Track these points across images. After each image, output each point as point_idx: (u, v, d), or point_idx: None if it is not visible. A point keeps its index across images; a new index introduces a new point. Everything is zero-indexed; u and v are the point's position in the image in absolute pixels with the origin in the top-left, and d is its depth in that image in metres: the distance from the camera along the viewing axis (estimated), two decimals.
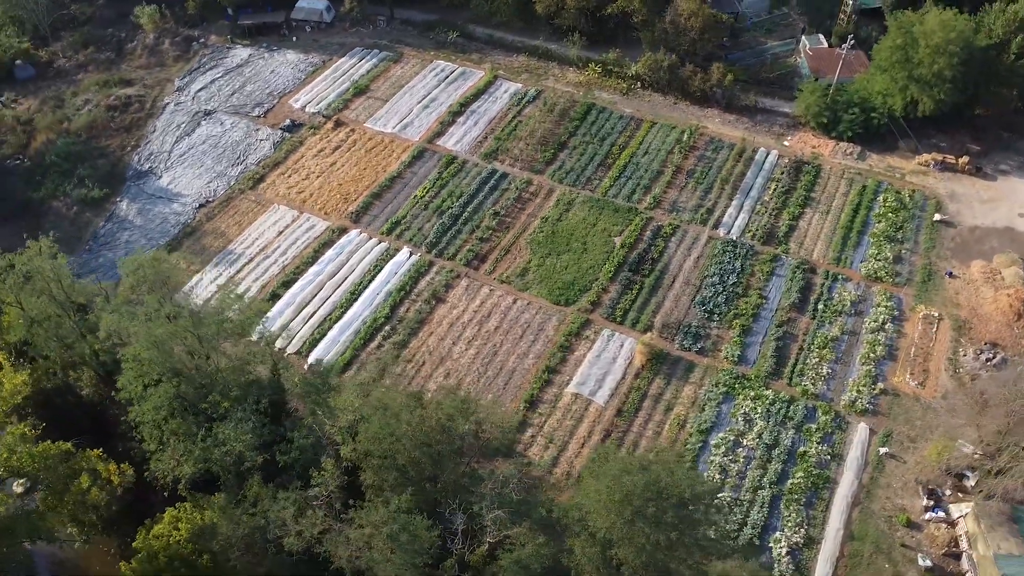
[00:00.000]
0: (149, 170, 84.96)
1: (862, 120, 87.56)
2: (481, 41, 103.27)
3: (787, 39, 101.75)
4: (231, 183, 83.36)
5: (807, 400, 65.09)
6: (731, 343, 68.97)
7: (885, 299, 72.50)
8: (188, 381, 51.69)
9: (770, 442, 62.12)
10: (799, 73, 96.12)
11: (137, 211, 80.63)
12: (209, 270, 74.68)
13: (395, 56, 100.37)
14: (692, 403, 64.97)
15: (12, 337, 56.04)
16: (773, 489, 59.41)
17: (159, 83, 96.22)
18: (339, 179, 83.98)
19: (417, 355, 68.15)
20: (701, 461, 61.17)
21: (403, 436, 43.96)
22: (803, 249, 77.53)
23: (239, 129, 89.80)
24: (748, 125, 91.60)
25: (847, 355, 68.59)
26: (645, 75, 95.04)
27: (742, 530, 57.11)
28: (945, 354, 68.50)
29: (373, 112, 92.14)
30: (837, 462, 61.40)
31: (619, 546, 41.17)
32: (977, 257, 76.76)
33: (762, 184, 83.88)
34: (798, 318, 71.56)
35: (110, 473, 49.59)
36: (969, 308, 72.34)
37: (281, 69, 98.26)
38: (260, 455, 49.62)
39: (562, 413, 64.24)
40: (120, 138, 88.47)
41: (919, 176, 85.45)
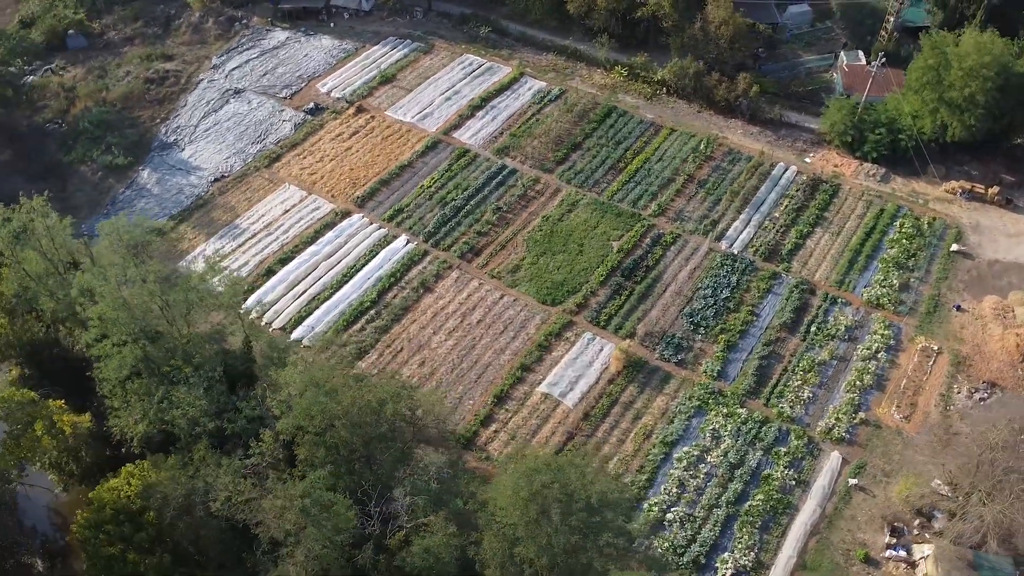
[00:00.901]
0: (174, 142, 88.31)
1: (888, 141, 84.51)
2: (513, 37, 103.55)
3: (826, 54, 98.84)
4: (248, 160, 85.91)
5: (781, 422, 63.42)
6: (713, 358, 67.68)
7: (883, 327, 69.95)
8: (156, 344, 53.71)
9: (735, 461, 60.78)
10: (833, 89, 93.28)
11: (156, 181, 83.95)
12: (212, 242, 77.24)
13: (426, 47, 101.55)
14: (662, 414, 64.07)
15: (6, 289, 59.09)
16: (729, 509, 58.14)
17: (198, 60, 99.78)
18: (351, 164, 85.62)
19: (396, 341, 69.10)
20: (661, 473, 60.31)
21: (335, 414, 44.86)
22: (806, 269, 75.40)
23: (264, 109, 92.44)
24: (771, 139, 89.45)
25: (832, 381, 66.51)
26: (671, 81, 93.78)
27: (690, 546, 56.11)
28: (938, 389, 65.74)
29: (395, 101, 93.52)
30: (802, 488, 59.68)
31: (523, 544, 41.14)
32: (992, 292, 73.29)
33: (775, 200, 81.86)
34: (788, 339, 69.70)
35: (63, 424, 51.90)
36: (973, 344, 69.18)
37: (314, 53, 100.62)
38: (212, 421, 51.30)
39: (529, 411, 64.21)
40: (152, 110, 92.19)
41: (943, 204, 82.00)
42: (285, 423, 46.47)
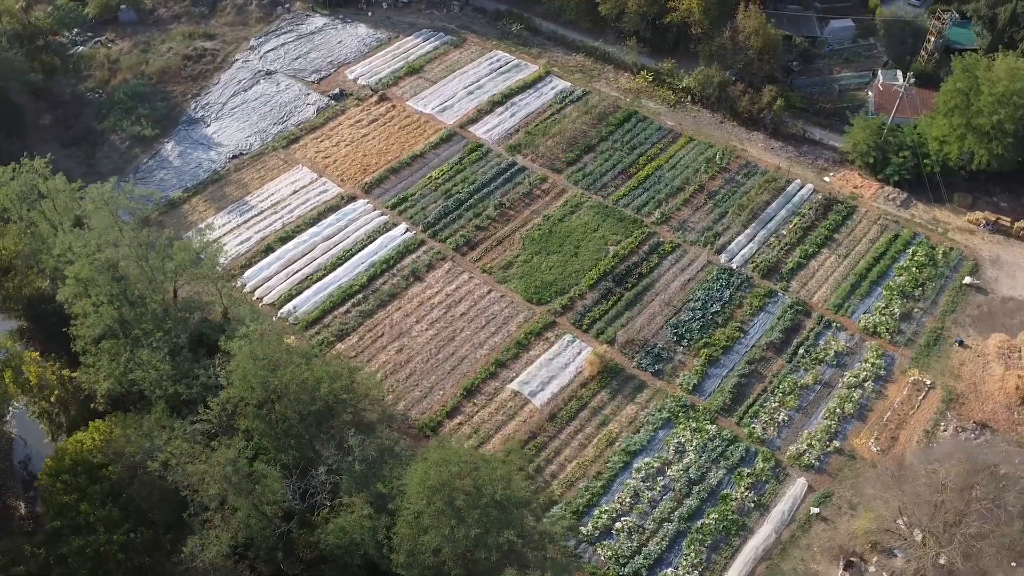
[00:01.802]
0: (201, 118, 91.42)
1: (912, 165, 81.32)
2: (544, 36, 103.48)
3: (864, 72, 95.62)
4: (267, 140, 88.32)
5: (751, 443, 61.92)
6: (691, 371, 66.51)
7: (876, 356, 67.51)
8: (133, 308, 55.97)
9: (694, 477, 59.67)
10: (866, 108, 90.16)
11: (178, 154, 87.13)
12: (220, 216, 79.76)
13: (457, 41, 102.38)
14: (629, 423, 63.32)
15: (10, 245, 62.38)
16: (681, 524, 57.13)
17: (236, 40, 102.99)
18: (365, 150, 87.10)
19: (378, 326, 70.13)
20: (617, 482, 59.64)
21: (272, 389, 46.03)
22: (804, 290, 73.30)
23: (292, 91, 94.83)
24: (792, 155, 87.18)
25: (812, 406, 64.58)
26: (695, 89, 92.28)
27: (633, 557, 55.40)
28: (923, 425, 63.11)
29: (418, 92, 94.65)
30: (760, 512, 58.20)
31: (429, 532, 41.41)
32: (1001, 331, 69.87)
33: (784, 217, 79.78)
34: (773, 359, 67.94)
35: (30, 374, 54.58)
36: (969, 382, 66.15)
37: (348, 41, 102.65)
38: (173, 386, 53.21)
39: (496, 408, 64.33)
40: (186, 86, 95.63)
41: (964, 234, 78.52)
42: (226, 393, 47.88)
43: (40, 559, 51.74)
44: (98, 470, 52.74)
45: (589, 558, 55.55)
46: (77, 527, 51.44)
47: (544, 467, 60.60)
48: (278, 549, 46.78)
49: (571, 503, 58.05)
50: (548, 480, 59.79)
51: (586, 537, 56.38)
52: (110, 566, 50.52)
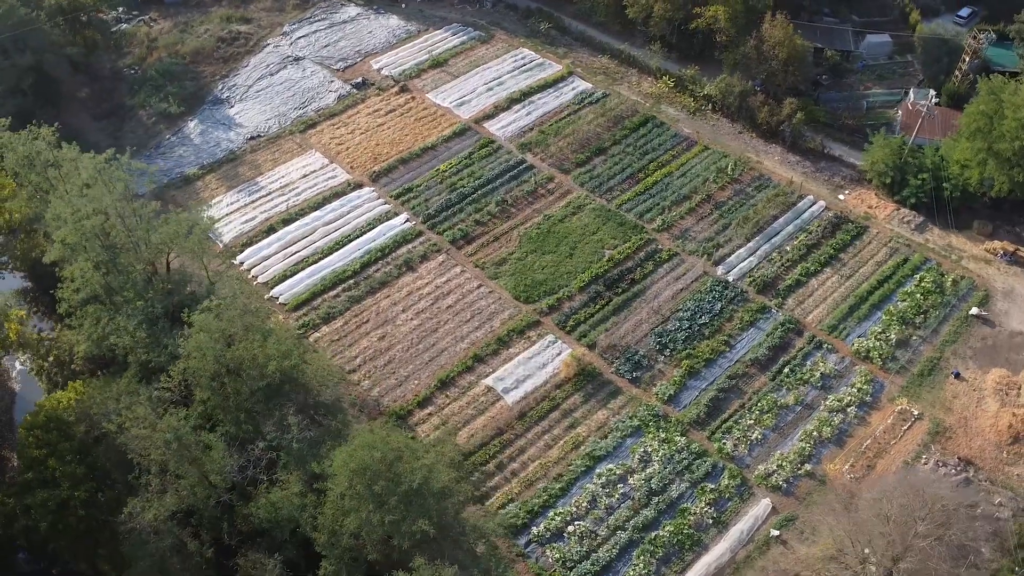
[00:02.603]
0: (226, 99, 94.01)
1: (931, 188, 78.45)
2: (572, 36, 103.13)
3: (896, 89, 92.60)
4: (285, 124, 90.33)
5: (719, 458, 60.80)
6: (669, 381, 65.61)
7: (864, 381, 65.51)
8: (119, 275, 58.05)
9: (655, 488, 58.88)
10: (893, 127, 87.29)
11: (200, 132, 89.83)
12: (230, 195, 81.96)
13: (485, 37, 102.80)
14: (598, 428, 62.84)
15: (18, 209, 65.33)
16: (634, 534, 56.47)
17: (271, 25, 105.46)
18: (379, 140, 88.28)
19: (364, 313, 71.12)
20: (577, 485, 59.27)
21: (224, 362, 47.26)
22: (800, 308, 71.52)
23: (317, 77, 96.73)
24: (808, 170, 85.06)
25: (789, 427, 63.05)
26: (716, 97, 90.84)
27: (581, 562, 55.03)
28: (903, 456, 60.97)
29: (439, 85, 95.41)
30: (719, 529, 57.12)
31: (350, 515, 41.93)
32: (1003, 366, 66.97)
33: (791, 232, 77.95)
34: (756, 376, 66.53)
35: (11, 330, 57.13)
36: (960, 416, 63.65)
37: (378, 31, 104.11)
38: (146, 353, 55.05)
39: (468, 402, 64.61)
40: (216, 67, 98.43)
41: (979, 263, 75.46)
42: (183, 363, 49.35)
43: (8, 508, 54.33)
44: (69, 428, 54.92)
45: (537, 559, 55.39)
46: (44, 481, 53.60)
47: (506, 464, 60.64)
48: (223, 520, 48.00)
49: (527, 502, 57.94)
50: (508, 477, 59.81)
51: (536, 537, 56.22)
52: (70, 520, 52.56)
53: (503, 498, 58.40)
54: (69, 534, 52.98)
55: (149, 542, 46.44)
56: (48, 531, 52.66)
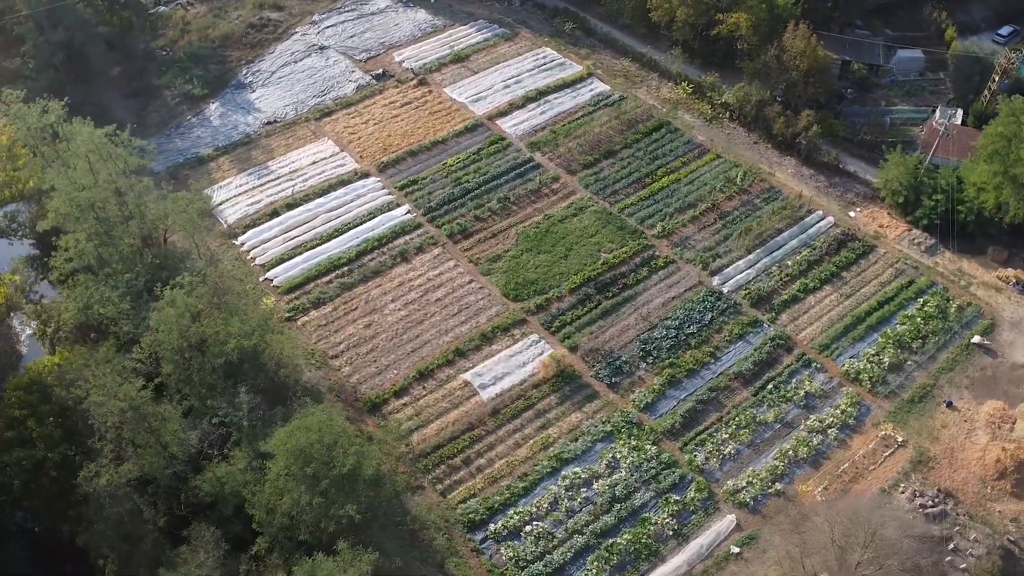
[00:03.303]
0: (248, 84, 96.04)
1: (945, 210, 75.85)
2: (596, 37, 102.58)
3: (924, 107, 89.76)
4: (302, 111, 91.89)
5: (688, 470, 59.88)
6: (648, 389, 64.87)
7: (849, 403, 63.81)
8: (112, 248, 59.96)
9: (619, 495, 58.28)
10: (915, 145, 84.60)
11: (220, 115, 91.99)
12: (239, 177, 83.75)
13: (510, 34, 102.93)
14: (570, 430, 62.48)
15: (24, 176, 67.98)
16: (591, 539, 55.99)
17: (302, 14, 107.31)
18: (391, 131, 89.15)
19: (354, 300, 71.97)
20: (541, 486, 59.04)
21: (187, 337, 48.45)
22: (793, 324, 69.96)
23: (338, 67, 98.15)
24: (821, 184, 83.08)
25: (765, 445, 61.76)
26: (733, 106, 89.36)
27: (535, 563, 54.83)
28: (880, 483, 59.16)
29: (458, 80, 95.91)
30: (678, 542, 56.28)
31: (285, 495, 42.56)
32: (1000, 398, 64.45)
33: (794, 247, 76.29)
34: (738, 390, 65.33)
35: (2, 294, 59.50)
36: (947, 446, 61.51)
37: (405, 24, 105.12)
38: (127, 324, 56.71)
39: (444, 395, 64.87)
40: (243, 52, 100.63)
41: (989, 291, 72.74)
42: (151, 335, 50.74)
43: None
44: (49, 391, 56.90)
45: (491, 555, 55.41)
46: (23, 440, 55.69)
47: (473, 460, 60.73)
48: (180, 490, 49.20)
49: (488, 499, 57.96)
50: (473, 472, 59.90)
51: (493, 534, 56.23)
52: (43, 481, 54.53)
53: (465, 493, 58.56)
54: (42, 494, 54.93)
55: (105, 506, 47.81)
56: (22, 489, 54.71)
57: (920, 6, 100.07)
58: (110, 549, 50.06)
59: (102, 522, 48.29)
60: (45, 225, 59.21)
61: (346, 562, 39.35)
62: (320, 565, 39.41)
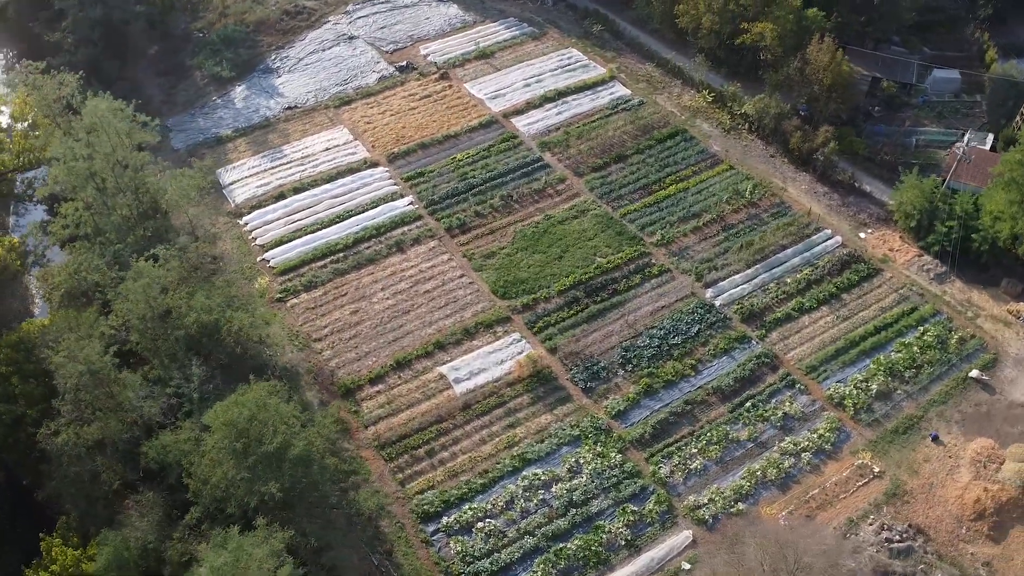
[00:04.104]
0: (275, 69, 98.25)
1: (959, 238, 72.89)
2: (624, 41, 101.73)
3: (955, 130, 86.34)
4: (323, 98, 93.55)
5: (651, 482, 59.00)
6: (623, 397, 64.13)
7: (828, 428, 61.94)
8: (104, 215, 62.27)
9: (576, 500, 57.79)
10: (939, 169, 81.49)
11: (243, 97, 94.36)
12: (253, 159, 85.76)
13: (538, 34, 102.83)
14: (538, 431, 62.22)
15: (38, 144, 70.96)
16: (541, 542, 55.67)
17: (337, 3, 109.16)
18: (406, 123, 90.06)
19: (345, 286, 73.01)
20: (499, 484, 58.95)
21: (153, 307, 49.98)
22: (783, 343, 68.24)
23: (364, 57, 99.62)
24: (834, 203, 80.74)
25: (735, 463, 60.41)
26: (752, 117, 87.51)
27: (481, 560, 54.82)
28: (849, 513, 57.33)
29: (479, 76, 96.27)
30: (630, 552, 55.54)
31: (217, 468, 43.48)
32: (990, 436, 61.69)
33: (796, 265, 74.38)
34: (715, 406, 64.06)
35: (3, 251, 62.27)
36: (926, 482, 59.21)
37: (435, 18, 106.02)
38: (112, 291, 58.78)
39: (417, 386, 65.31)
40: (275, 37, 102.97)
41: (996, 324, 69.68)
42: (123, 304, 52.50)
43: None
44: (34, 351, 59.37)
45: (439, 548, 55.62)
46: (6, 396, 58.37)
47: (437, 452, 60.99)
48: (139, 454, 50.71)
49: (446, 492, 58.18)
50: (435, 464, 60.18)
51: (445, 527, 56.44)
52: (20, 436, 57.04)
53: (424, 484, 58.90)
54: (19, 449, 57.48)
55: (64, 464, 49.69)
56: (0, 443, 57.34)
57: (962, 25, 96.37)
58: (72, 505, 51.97)
59: (60, 480, 50.12)
60: (43, 192, 61.77)
61: (260, 538, 40.14)
62: (232, 538, 40.37)
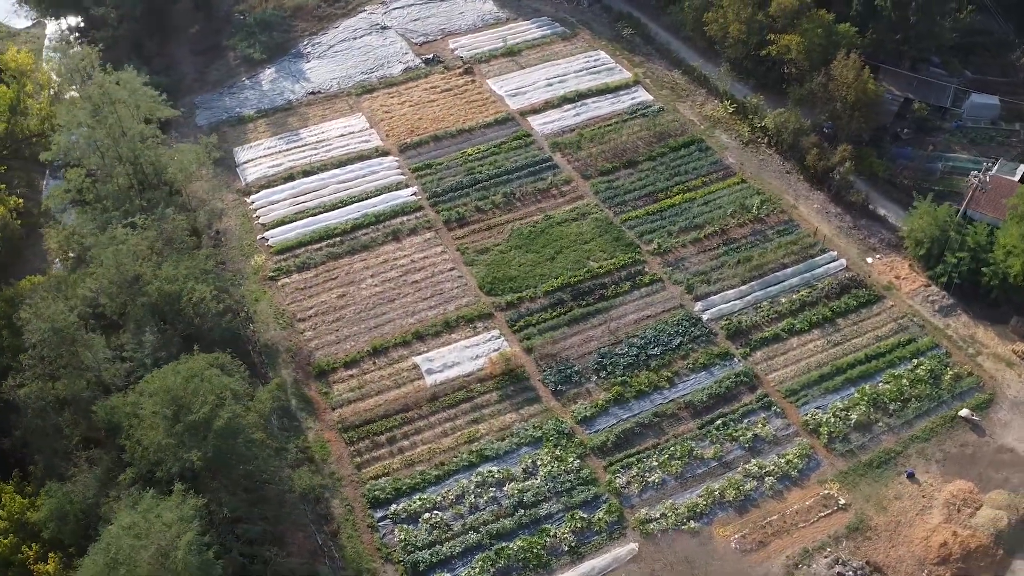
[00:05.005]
0: (305, 54, 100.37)
1: (968, 270, 69.66)
2: (655, 46, 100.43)
3: (985, 158, 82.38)
4: (346, 85, 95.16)
5: (605, 490, 58.23)
6: (591, 403, 63.43)
7: (798, 455, 60.05)
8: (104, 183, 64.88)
9: (527, 501, 57.48)
10: (961, 196, 77.97)
11: (271, 80, 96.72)
12: (270, 140, 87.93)
13: (568, 34, 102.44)
14: (500, 429, 62.08)
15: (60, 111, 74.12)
16: (485, 539, 55.57)
17: None
18: (423, 115, 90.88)
19: (336, 270, 74.17)
20: (453, 478, 59.07)
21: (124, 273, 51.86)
22: (766, 364, 66.40)
23: (393, 48, 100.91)
24: (845, 225, 78.12)
25: (695, 480, 59.11)
26: (771, 131, 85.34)
27: (422, 550, 55.06)
28: (804, 543, 55.48)
29: (503, 73, 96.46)
30: (572, 558, 54.95)
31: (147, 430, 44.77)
32: (971, 479, 58.83)
33: (794, 285, 72.25)
34: (684, 420, 62.81)
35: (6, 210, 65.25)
36: (893, 519, 56.85)
37: (469, 14, 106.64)
38: None
39: (390, 374, 65.93)
40: (310, 24, 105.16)
41: (999, 363, 66.36)
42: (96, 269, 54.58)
43: None
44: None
45: (384, 534, 56.11)
46: None
47: (398, 440, 61.49)
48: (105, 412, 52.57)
49: (399, 480, 58.63)
50: (394, 452, 60.69)
51: (393, 515, 56.89)
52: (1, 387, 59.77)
53: (380, 470, 59.49)
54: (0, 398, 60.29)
55: (28, 416, 51.98)
56: None
57: (1008, 49, 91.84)
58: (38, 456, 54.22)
59: (24, 431, 52.45)
60: (47, 156, 64.64)
61: (174, 503, 41.23)
62: (144, 499, 41.59)
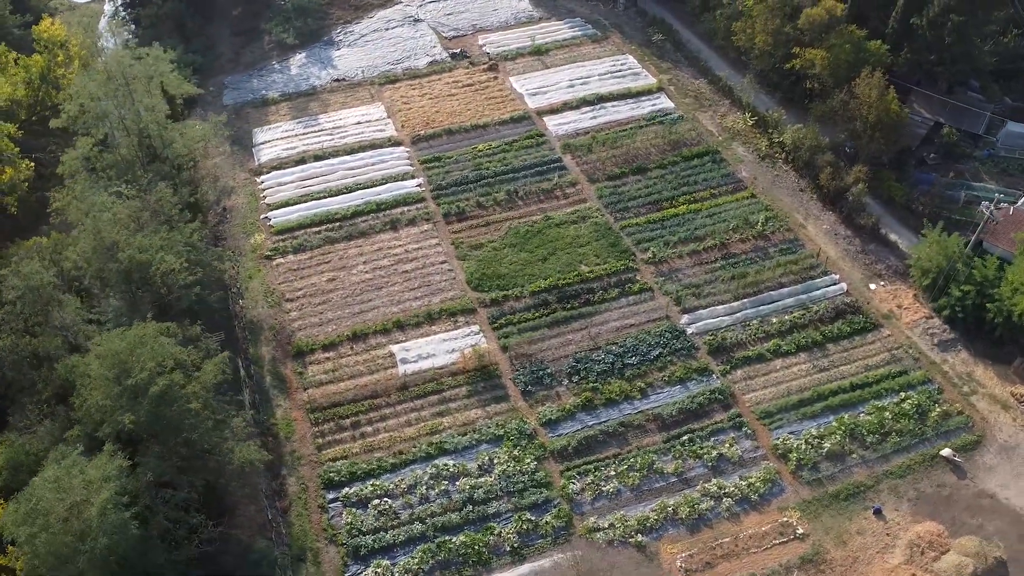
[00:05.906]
0: (337, 42, 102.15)
1: (973, 306, 66.51)
2: (684, 53, 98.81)
3: (1015, 190, 78.48)
4: (370, 74, 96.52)
5: (557, 495, 57.73)
6: (559, 407, 62.92)
7: (762, 479, 58.39)
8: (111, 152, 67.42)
9: (477, 498, 57.42)
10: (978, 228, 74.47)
11: (300, 65, 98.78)
12: (288, 123, 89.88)
13: (599, 36, 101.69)
14: (463, 424, 62.15)
15: None
16: (429, 531, 55.74)
17: None
18: (441, 108, 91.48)
19: (330, 255, 75.36)
20: (409, 468, 59.40)
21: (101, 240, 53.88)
22: (744, 383, 64.72)
23: (423, 40, 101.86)
24: (852, 248, 75.50)
25: (651, 494, 58.02)
26: (788, 146, 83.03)
27: (365, 536, 55.56)
28: (754, 568, 53.93)
29: (526, 71, 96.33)
30: (513, 560, 54.66)
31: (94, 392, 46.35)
32: (943, 523, 56.21)
33: (788, 305, 70.25)
34: (651, 432, 61.75)
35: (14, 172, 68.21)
36: (851, 555, 54.78)
37: (503, 11, 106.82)
38: None
39: (365, 360, 66.65)
40: (346, 13, 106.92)
41: (993, 405, 63.21)
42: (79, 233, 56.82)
43: None
44: None
45: (332, 516, 56.85)
46: None
47: (361, 425, 62.17)
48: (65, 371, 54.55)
49: (355, 464, 59.31)
50: (355, 437, 61.39)
51: (344, 498, 57.58)
52: None
53: (339, 453, 60.28)
54: None
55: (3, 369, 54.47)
56: None
57: None
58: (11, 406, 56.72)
59: None
60: (57, 123, 67.53)
61: (101, 462, 42.64)
62: (70, 455, 43.14)
